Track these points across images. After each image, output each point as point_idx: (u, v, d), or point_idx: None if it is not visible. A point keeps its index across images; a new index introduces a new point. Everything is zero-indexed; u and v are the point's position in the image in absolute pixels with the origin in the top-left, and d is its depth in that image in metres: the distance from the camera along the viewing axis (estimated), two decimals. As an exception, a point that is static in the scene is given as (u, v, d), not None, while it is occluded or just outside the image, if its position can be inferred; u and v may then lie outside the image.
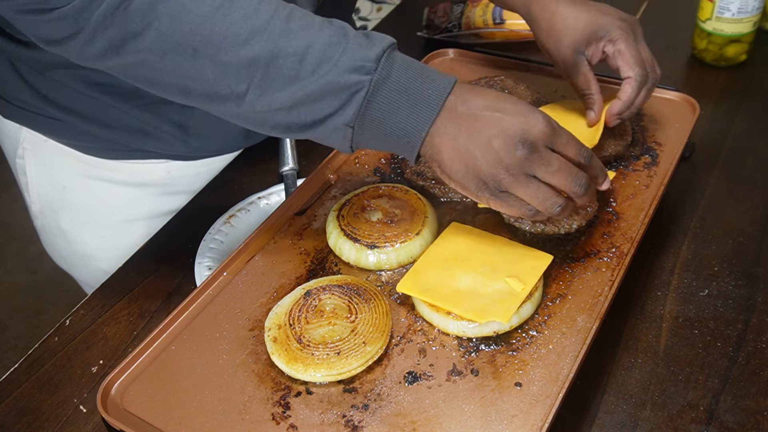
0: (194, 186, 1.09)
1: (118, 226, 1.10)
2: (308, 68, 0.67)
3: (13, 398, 0.79)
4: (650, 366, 0.77)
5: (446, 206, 0.88)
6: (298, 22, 0.68)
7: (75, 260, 1.16)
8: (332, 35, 0.67)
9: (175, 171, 1.08)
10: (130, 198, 1.08)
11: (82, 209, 1.09)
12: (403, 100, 0.68)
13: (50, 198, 1.10)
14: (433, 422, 0.66)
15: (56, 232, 1.13)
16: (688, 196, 0.96)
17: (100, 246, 1.11)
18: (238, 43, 0.66)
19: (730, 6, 1.14)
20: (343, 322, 0.73)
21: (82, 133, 1.02)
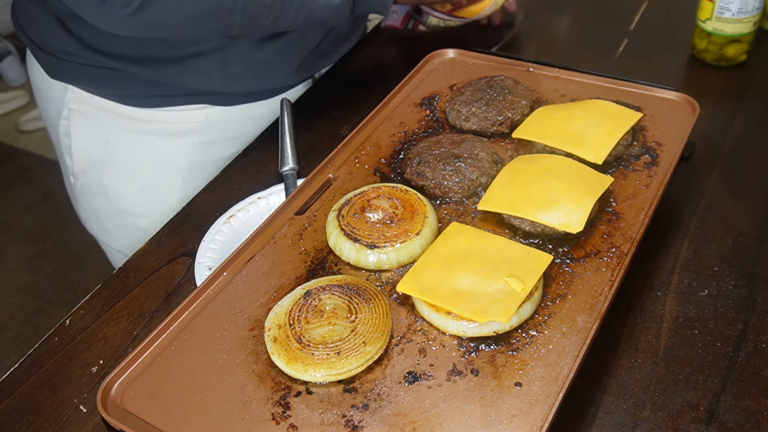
0: (232, 132, 1.16)
1: (158, 178, 1.16)
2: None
3: (13, 398, 0.79)
4: (650, 366, 0.77)
5: (446, 206, 0.88)
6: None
7: (113, 219, 1.21)
8: None
9: (213, 116, 1.14)
10: (169, 150, 1.15)
11: (124, 163, 1.16)
12: None
13: (93, 155, 1.17)
14: (433, 422, 0.67)
15: (97, 190, 1.19)
16: (688, 196, 0.96)
17: (140, 200, 1.17)
18: None
19: (730, 6, 1.14)
20: (343, 322, 0.73)
21: (127, 79, 1.09)
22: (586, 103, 0.97)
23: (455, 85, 1.07)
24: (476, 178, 0.89)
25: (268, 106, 1.19)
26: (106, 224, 1.24)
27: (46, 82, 1.16)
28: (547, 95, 1.03)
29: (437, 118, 1.02)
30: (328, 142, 1.10)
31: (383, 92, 1.05)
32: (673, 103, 0.99)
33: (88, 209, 1.25)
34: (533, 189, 0.83)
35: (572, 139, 0.91)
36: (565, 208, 0.81)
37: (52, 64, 1.13)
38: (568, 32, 1.34)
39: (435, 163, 0.90)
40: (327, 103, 1.21)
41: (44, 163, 2.93)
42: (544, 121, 0.94)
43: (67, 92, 1.14)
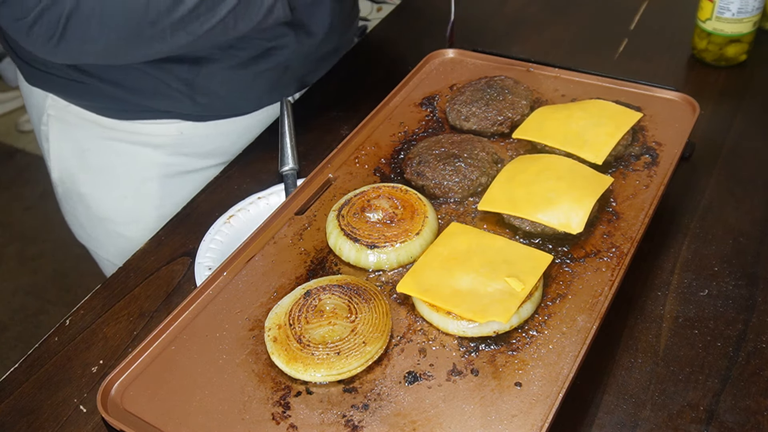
0: (207, 147, 1.16)
1: (134, 186, 1.16)
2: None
3: (13, 398, 0.79)
4: (650, 366, 0.77)
5: (446, 206, 0.88)
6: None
7: (94, 225, 1.21)
8: None
9: (187, 131, 1.14)
10: (145, 158, 1.14)
11: (100, 171, 1.16)
12: None
13: (71, 163, 1.17)
14: (433, 422, 0.67)
15: (76, 198, 1.19)
16: (688, 196, 0.96)
17: (119, 208, 1.17)
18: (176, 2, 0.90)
19: (730, 6, 1.14)
20: (343, 322, 0.73)
21: (100, 94, 1.08)
22: (586, 103, 0.97)
23: (455, 85, 1.07)
24: (476, 178, 0.89)
25: (245, 122, 1.18)
26: (89, 231, 1.23)
27: (29, 88, 1.16)
28: (547, 95, 1.03)
29: (437, 118, 1.02)
30: (328, 142, 1.10)
31: (383, 92, 1.05)
32: (673, 103, 0.99)
33: (71, 215, 1.25)
34: (533, 189, 0.84)
35: (572, 139, 0.91)
36: (565, 209, 0.81)
37: (28, 71, 1.13)
38: (568, 32, 1.34)
39: (435, 163, 0.90)
40: (327, 103, 1.21)
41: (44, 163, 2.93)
42: (544, 121, 0.94)
43: (47, 98, 1.14)
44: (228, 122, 1.16)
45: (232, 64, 1.08)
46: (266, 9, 0.94)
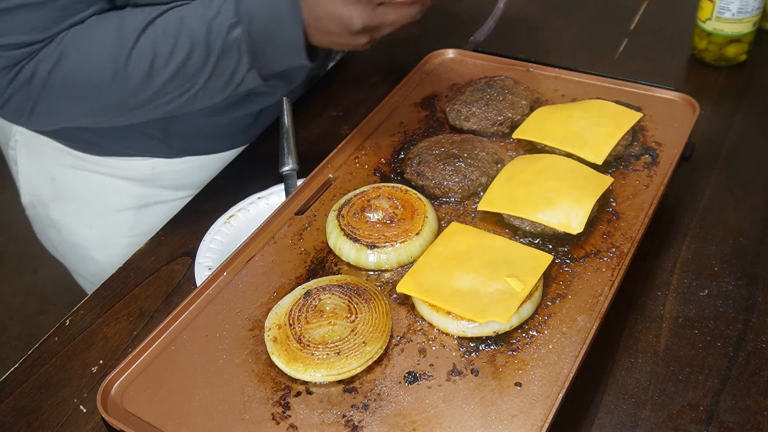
0: (179, 181, 1.12)
1: (106, 216, 1.12)
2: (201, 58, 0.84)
3: (13, 398, 0.79)
4: (650, 366, 0.77)
5: (446, 206, 0.88)
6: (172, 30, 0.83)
7: (66, 249, 1.18)
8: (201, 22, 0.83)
9: (160, 167, 1.11)
10: (117, 189, 1.11)
11: (71, 199, 1.12)
12: (271, 27, 0.83)
13: (40, 189, 1.13)
14: (433, 422, 0.66)
15: (47, 222, 1.16)
16: (688, 196, 0.96)
17: (90, 236, 1.13)
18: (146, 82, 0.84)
19: (730, 6, 1.14)
20: (343, 322, 0.73)
21: (68, 135, 1.05)
22: (586, 103, 0.97)
23: (455, 85, 1.07)
24: (476, 178, 0.89)
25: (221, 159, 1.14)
26: (61, 251, 1.20)
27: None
28: (547, 95, 1.03)
29: (437, 118, 1.02)
30: (328, 142, 1.10)
31: (383, 92, 1.05)
32: (673, 103, 0.99)
33: (44, 237, 1.21)
34: (533, 189, 0.83)
35: (572, 139, 0.91)
36: (565, 209, 0.81)
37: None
38: (568, 32, 1.34)
39: (435, 163, 0.90)
40: (327, 103, 1.21)
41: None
42: (544, 121, 0.94)
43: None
44: (202, 157, 1.13)
45: (207, 112, 1.04)
46: (236, 83, 0.88)
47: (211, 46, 0.83)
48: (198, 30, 0.82)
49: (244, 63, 0.85)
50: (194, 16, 0.83)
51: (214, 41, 0.83)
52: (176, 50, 0.83)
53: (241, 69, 0.85)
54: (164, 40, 0.82)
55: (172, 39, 0.82)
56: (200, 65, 0.84)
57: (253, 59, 0.85)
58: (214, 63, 0.84)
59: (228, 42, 0.83)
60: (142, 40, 0.82)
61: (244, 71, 0.86)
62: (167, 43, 0.82)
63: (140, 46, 0.82)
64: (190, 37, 0.82)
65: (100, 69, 0.82)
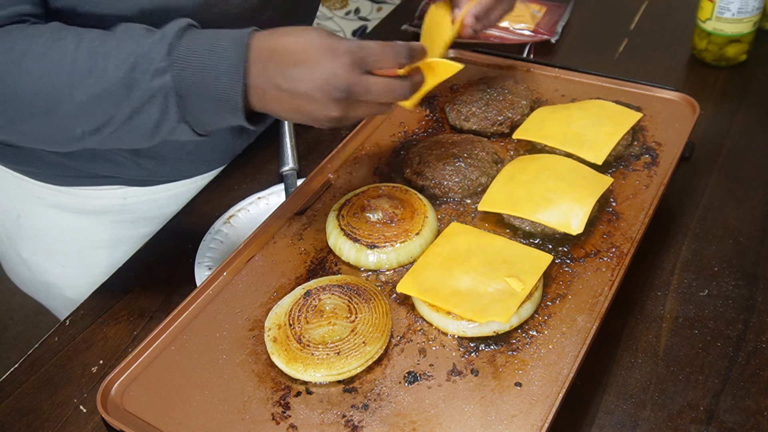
0: (153, 213, 1.05)
1: (78, 254, 1.05)
2: (120, 97, 0.70)
3: (13, 398, 0.79)
4: (650, 366, 0.77)
5: (446, 206, 0.88)
6: (93, 58, 0.70)
7: (38, 288, 1.12)
8: (127, 55, 0.69)
9: (131, 197, 1.03)
10: (87, 227, 1.04)
11: (40, 238, 1.05)
12: (207, 79, 0.69)
13: (7, 226, 1.06)
14: (433, 422, 0.66)
15: (17, 260, 1.09)
16: (688, 196, 0.96)
17: (62, 274, 1.07)
18: (51, 106, 0.70)
19: (730, 6, 1.14)
20: (343, 322, 0.73)
21: (32, 158, 0.97)
22: (586, 103, 0.97)
23: (455, 85, 1.07)
24: (476, 178, 0.89)
25: (195, 184, 1.06)
26: (33, 290, 1.14)
27: None
28: (547, 95, 1.03)
29: (437, 118, 1.02)
30: (328, 142, 1.10)
31: (383, 92, 1.05)
32: (673, 103, 0.99)
33: (14, 275, 1.14)
34: (533, 189, 0.83)
35: (572, 139, 0.91)
36: (565, 209, 0.81)
37: None
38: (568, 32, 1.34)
39: (435, 163, 0.90)
40: (327, 103, 1.20)
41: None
42: (544, 121, 0.94)
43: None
44: (177, 185, 1.05)
45: None
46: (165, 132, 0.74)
47: (131, 86, 0.69)
48: (122, 64, 0.69)
49: (172, 115, 0.71)
50: (126, 46, 0.70)
51: (137, 82, 0.69)
52: (90, 79, 0.69)
53: (169, 120, 0.71)
54: (81, 63, 0.70)
55: (89, 65, 0.69)
56: (117, 104, 0.70)
57: (183, 113, 0.71)
58: (134, 106, 0.70)
59: (152, 88, 0.69)
60: (54, 57, 0.70)
61: (172, 123, 0.72)
62: (83, 66, 0.70)
63: (49, 62, 0.70)
64: (111, 71, 0.69)
65: None
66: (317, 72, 0.68)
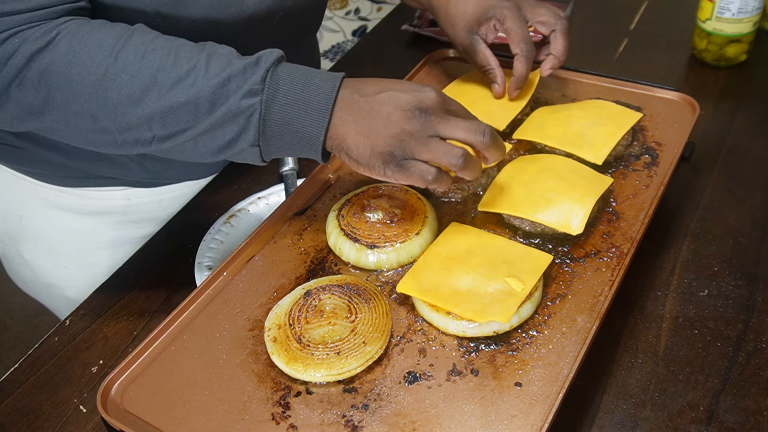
0: (157, 214, 1.05)
1: (80, 255, 1.06)
2: (203, 109, 0.71)
3: (13, 398, 0.79)
4: (650, 366, 0.77)
5: (446, 206, 0.88)
6: (185, 66, 0.71)
7: (40, 288, 1.12)
8: (219, 70, 0.71)
9: (136, 198, 1.03)
10: (90, 228, 1.04)
11: (41, 239, 1.05)
12: (295, 110, 0.71)
13: (9, 227, 1.06)
14: (433, 422, 0.66)
15: (19, 261, 1.09)
16: (688, 196, 0.96)
17: (64, 275, 1.07)
18: (132, 103, 0.71)
19: (730, 6, 1.14)
20: (343, 322, 0.73)
21: (35, 159, 0.97)
22: (586, 103, 0.97)
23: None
24: (476, 178, 0.89)
25: (198, 185, 1.06)
26: (35, 291, 1.14)
27: None
28: (547, 95, 1.03)
29: (437, 118, 1.02)
30: (328, 142, 1.10)
31: (383, 92, 1.05)
32: (673, 103, 0.99)
33: (16, 276, 1.14)
34: (533, 189, 0.84)
35: (572, 139, 0.91)
36: (565, 209, 0.81)
37: None
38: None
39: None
40: (327, 103, 1.20)
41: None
42: (544, 121, 0.94)
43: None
44: (181, 186, 1.05)
45: None
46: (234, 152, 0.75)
47: (217, 101, 0.71)
48: (214, 78, 0.70)
49: (250, 137, 0.72)
50: (219, 61, 0.71)
51: (226, 98, 0.71)
52: (179, 86, 0.70)
53: (244, 141, 0.72)
54: (173, 69, 0.71)
55: (180, 73, 0.71)
56: (198, 116, 0.71)
57: (259, 136, 0.72)
58: (215, 121, 0.71)
59: (240, 106, 0.70)
60: (148, 60, 0.71)
61: (246, 144, 0.73)
62: (174, 74, 0.71)
63: (144, 63, 0.71)
64: (201, 81, 0.71)
65: (86, 69, 0.70)
66: (405, 96, 0.72)
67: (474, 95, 0.99)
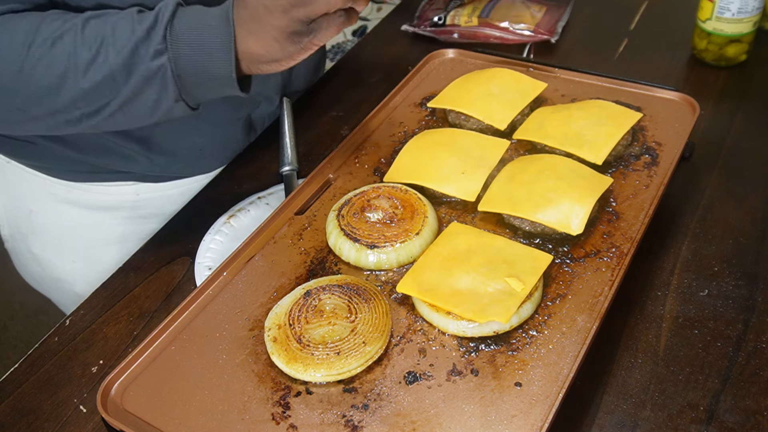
0: (166, 209, 1.06)
1: (89, 250, 1.07)
2: (121, 80, 0.76)
3: (13, 398, 0.79)
4: (650, 366, 0.77)
5: (446, 206, 0.88)
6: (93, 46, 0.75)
7: (48, 283, 1.13)
8: (125, 41, 0.75)
9: (144, 193, 1.05)
10: (99, 223, 1.05)
11: (51, 234, 1.06)
12: (201, 58, 0.76)
13: (18, 222, 1.08)
14: (433, 422, 0.67)
15: (28, 256, 1.11)
16: (688, 196, 0.96)
17: (72, 270, 1.08)
18: (53, 92, 0.76)
19: (730, 6, 1.14)
20: (342, 322, 0.73)
21: (45, 154, 0.99)
22: (586, 103, 0.97)
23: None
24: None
25: (206, 180, 1.08)
26: (44, 286, 1.15)
27: None
28: (547, 95, 1.03)
29: (437, 118, 1.02)
30: (328, 142, 1.10)
31: (383, 92, 1.05)
32: (673, 103, 0.99)
33: (24, 271, 1.16)
34: (533, 189, 0.84)
35: (572, 139, 0.91)
36: (565, 209, 0.81)
37: None
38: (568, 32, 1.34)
39: (435, 163, 0.90)
40: (327, 103, 1.20)
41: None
42: (544, 121, 0.94)
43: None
44: (189, 181, 1.07)
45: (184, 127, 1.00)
46: (163, 111, 0.80)
47: (131, 70, 0.75)
48: (122, 49, 0.75)
49: (171, 93, 0.77)
50: (123, 31, 0.75)
51: (137, 65, 0.75)
52: (93, 66, 0.75)
53: (167, 99, 0.78)
54: (82, 52, 0.75)
55: (91, 53, 0.75)
56: (118, 87, 0.76)
57: (181, 90, 0.77)
58: (134, 88, 0.76)
59: (151, 68, 0.75)
60: (58, 48, 0.74)
61: (170, 102, 0.78)
62: (85, 56, 0.75)
63: (55, 52, 0.74)
64: (112, 56, 0.75)
65: (2, 68, 0.74)
66: None
67: (474, 95, 0.99)
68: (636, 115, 0.94)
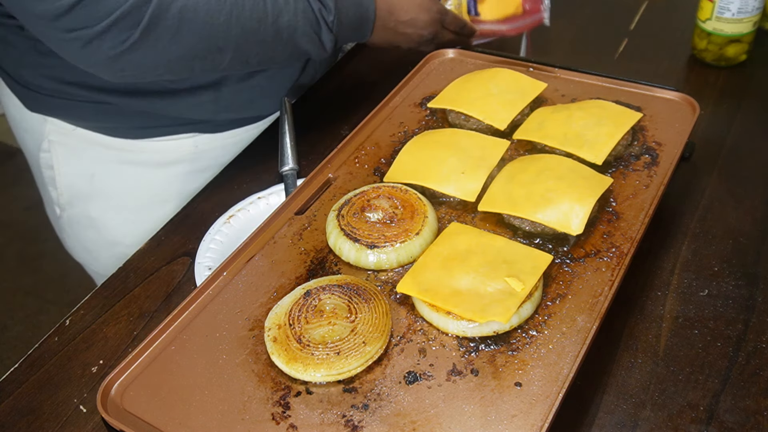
0: (222, 159, 1.13)
1: (148, 208, 1.13)
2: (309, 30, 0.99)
3: (13, 398, 0.79)
4: (650, 366, 0.77)
5: (446, 206, 0.88)
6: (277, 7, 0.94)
7: (102, 249, 1.18)
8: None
9: (203, 145, 1.12)
10: (159, 179, 1.12)
11: (112, 195, 1.13)
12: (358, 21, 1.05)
13: (79, 188, 1.13)
14: (433, 422, 0.67)
15: (85, 222, 1.16)
16: (688, 196, 0.96)
17: (130, 231, 1.13)
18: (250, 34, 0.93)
19: (730, 6, 1.14)
20: (342, 322, 0.73)
21: (113, 112, 1.05)
22: (586, 103, 0.97)
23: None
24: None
25: (257, 129, 1.17)
26: (95, 254, 1.20)
27: (21, 114, 1.10)
28: (547, 95, 1.03)
29: (437, 118, 1.02)
30: (328, 142, 1.10)
31: (383, 92, 1.05)
32: (673, 103, 0.99)
33: (75, 240, 1.20)
34: (533, 189, 0.84)
35: (572, 139, 0.91)
36: (565, 209, 0.81)
37: (29, 97, 1.07)
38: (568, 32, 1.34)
39: (435, 163, 0.90)
40: (327, 103, 1.21)
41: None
42: (544, 121, 0.94)
43: (46, 124, 1.08)
44: (243, 131, 1.16)
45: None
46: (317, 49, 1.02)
47: (315, 26, 0.98)
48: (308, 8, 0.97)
49: (328, 40, 1.02)
50: None
51: (319, 22, 0.99)
52: (284, 15, 0.94)
53: (326, 44, 1.02)
54: (281, 5, 0.93)
55: (291, 6, 0.94)
56: (300, 37, 0.97)
57: (336, 40, 1.02)
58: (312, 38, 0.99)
59: (328, 26, 0.99)
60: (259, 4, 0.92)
61: (328, 45, 1.02)
62: (284, 8, 0.94)
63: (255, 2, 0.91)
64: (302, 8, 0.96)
65: (217, 9, 0.88)
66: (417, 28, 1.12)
67: (474, 95, 0.99)
68: (636, 115, 0.94)
